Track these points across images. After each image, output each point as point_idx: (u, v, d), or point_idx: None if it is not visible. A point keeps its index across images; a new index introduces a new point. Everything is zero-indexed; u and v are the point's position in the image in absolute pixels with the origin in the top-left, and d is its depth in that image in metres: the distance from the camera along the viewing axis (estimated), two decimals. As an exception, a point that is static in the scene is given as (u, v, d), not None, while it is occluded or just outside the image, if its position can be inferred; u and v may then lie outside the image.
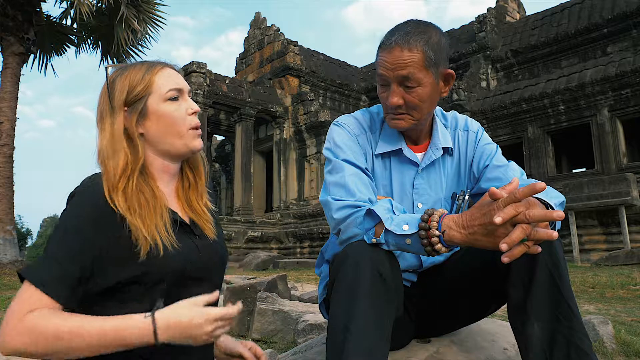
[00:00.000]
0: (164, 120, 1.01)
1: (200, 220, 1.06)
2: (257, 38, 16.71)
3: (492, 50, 13.82)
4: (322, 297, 1.36)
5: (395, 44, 1.15)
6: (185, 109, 1.04)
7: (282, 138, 15.18)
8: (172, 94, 1.03)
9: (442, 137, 1.28)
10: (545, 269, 1.02)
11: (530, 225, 0.89)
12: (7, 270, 7.77)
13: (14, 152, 8.85)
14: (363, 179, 1.17)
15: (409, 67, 1.14)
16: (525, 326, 1.04)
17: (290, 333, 2.62)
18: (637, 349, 2.00)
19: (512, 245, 0.88)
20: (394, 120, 1.21)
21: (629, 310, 3.60)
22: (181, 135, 1.02)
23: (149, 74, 1.02)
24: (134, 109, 1.00)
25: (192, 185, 1.09)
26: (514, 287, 1.06)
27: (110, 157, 0.97)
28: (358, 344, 0.94)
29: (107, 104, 1.01)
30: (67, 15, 9.85)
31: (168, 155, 1.04)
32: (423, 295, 1.30)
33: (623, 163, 10.15)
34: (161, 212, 0.97)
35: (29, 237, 40.62)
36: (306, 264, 9.77)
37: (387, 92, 1.19)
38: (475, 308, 1.29)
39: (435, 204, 1.26)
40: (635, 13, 11.42)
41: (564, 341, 1.00)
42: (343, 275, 1.02)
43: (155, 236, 0.93)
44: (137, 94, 1.00)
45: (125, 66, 1.05)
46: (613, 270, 6.35)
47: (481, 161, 1.29)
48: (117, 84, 1.01)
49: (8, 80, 8.89)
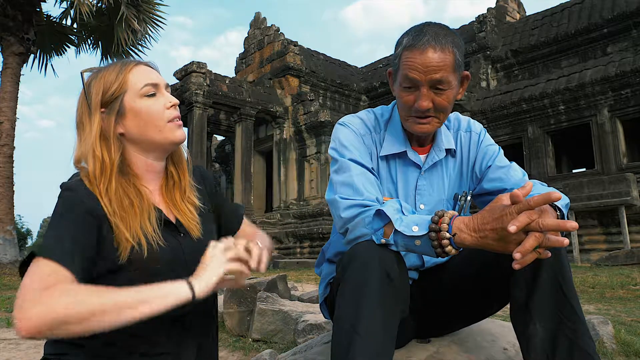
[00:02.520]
0: (141, 117, 1.01)
1: (184, 218, 1.05)
2: (257, 38, 16.71)
3: (492, 50, 13.81)
4: (324, 296, 1.36)
5: (429, 44, 1.11)
6: (163, 103, 1.03)
7: (282, 138, 15.18)
8: (147, 89, 1.02)
9: (445, 139, 1.28)
10: (550, 270, 1.02)
11: (542, 233, 0.89)
12: (7, 270, 7.77)
13: (14, 152, 8.85)
14: (370, 179, 1.16)
15: (442, 71, 1.11)
16: (527, 326, 1.04)
17: (290, 333, 2.62)
18: (637, 349, 2.00)
19: (525, 255, 0.88)
20: (420, 125, 1.18)
21: (629, 310, 3.61)
22: (160, 129, 1.01)
23: (123, 73, 1.02)
24: (111, 109, 1.00)
25: (176, 183, 1.08)
26: (517, 287, 1.06)
27: (87, 160, 0.97)
28: (366, 346, 0.94)
29: (85, 107, 1.00)
30: (67, 15, 9.86)
31: (150, 151, 1.04)
32: (424, 294, 1.30)
33: (623, 163, 10.15)
34: (148, 211, 0.97)
35: (29, 237, 40.56)
36: (306, 264, 9.77)
37: (415, 95, 1.15)
38: (476, 308, 1.29)
39: (437, 205, 1.26)
40: (635, 13, 11.41)
41: (566, 342, 1.00)
42: (351, 276, 1.01)
43: (140, 236, 0.93)
44: (113, 93, 1.00)
45: (100, 68, 1.05)
46: (613, 270, 6.35)
47: (483, 162, 1.29)
48: (92, 87, 1.01)
49: (8, 80, 8.89)
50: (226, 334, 2.94)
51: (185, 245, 1.02)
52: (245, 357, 2.51)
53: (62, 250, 0.86)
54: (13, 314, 0.79)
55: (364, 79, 17.41)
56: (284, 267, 9.67)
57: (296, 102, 15.06)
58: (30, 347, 2.83)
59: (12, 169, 8.78)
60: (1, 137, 8.65)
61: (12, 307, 3.28)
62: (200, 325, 1.05)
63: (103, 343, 0.92)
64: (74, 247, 0.87)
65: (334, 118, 14.32)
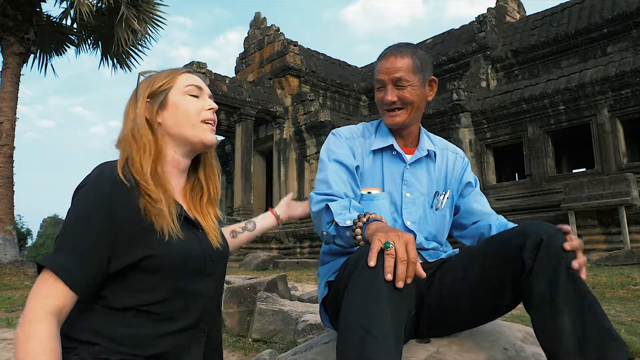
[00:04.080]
0: (179, 110, 1.08)
1: (206, 226, 1.09)
2: (257, 38, 16.71)
3: (492, 50, 13.81)
4: (323, 296, 1.36)
5: (390, 53, 1.43)
6: (203, 105, 1.12)
7: (282, 138, 15.18)
8: (191, 88, 1.11)
9: (427, 143, 1.51)
10: (564, 262, 1.07)
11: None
12: (7, 270, 7.77)
13: (14, 152, 8.85)
14: (342, 177, 1.37)
15: (400, 71, 1.40)
16: (555, 319, 1.06)
17: (290, 333, 2.62)
18: (637, 349, 2.00)
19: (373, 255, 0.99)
20: (391, 117, 1.44)
21: (629, 310, 3.61)
22: (194, 125, 1.08)
23: (174, 73, 1.12)
24: (156, 100, 1.08)
25: (203, 190, 1.14)
26: (539, 281, 1.09)
27: (131, 141, 1.03)
28: (381, 346, 0.94)
29: (133, 98, 1.09)
30: (67, 15, 9.86)
31: (180, 146, 1.09)
32: (428, 295, 1.30)
33: (623, 163, 10.14)
34: (170, 202, 1.00)
35: (29, 237, 40.58)
36: (306, 264, 9.77)
37: (383, 92, 1.43)
38: (482, 310, 1.26)
39: (420, 196, 1.45)
40: (635, 13, 11.41)
41: (596, 329, 1.03)
42: (358, 278, 1.02)
43: (168, 218, 0.97)
44: (160, 86, 1.09)
45: (155, 72, 1.15)
46: (613, 270, 6.35)
47: (466, 181, 1.54)
48: (143, 83, 1.11)
49: (8, 80, 8.89)
50: (226, 334, 2.93)
51: (203, 240, 1.06)
52: (245, 357, 2.51)
53: (71, 264, 0.90)
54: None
55: (364, 79, 17.40)
56: (284, 267, 9.67)
57: (296, 102, 15.06)
58: (30, 347, 2.83)
59: (12, 169, 8.78)
60: (1, 137, 8.65)
61: (12, 307, 3.32)
62: (209, 319, 1.09)
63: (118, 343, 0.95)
64: (85, 257, 0.91)
65: (334, 118, 14.33)
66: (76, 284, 0.90)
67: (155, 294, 0.96)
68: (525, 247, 1.11)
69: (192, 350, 1.02)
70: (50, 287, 0.89)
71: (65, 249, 0.91)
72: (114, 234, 0.93)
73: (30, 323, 0.86)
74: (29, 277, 7.69)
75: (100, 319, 0.94)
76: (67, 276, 0.89)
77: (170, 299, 0.97)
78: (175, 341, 0.99)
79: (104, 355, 0.92)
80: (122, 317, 0.95)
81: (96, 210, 0.93)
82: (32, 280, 7.32)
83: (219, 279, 1.11)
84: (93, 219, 0.92)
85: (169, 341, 0.98)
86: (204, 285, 1.04)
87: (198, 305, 1.02)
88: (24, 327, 0.86)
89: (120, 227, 0.94)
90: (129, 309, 0.95)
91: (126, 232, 0.94)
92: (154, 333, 0.96)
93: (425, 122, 12.36)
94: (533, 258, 1.09)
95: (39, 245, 43.06)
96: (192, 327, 1.02)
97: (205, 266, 1.04)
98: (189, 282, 1.00)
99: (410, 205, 1.42)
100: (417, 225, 1.41)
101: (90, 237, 0.92)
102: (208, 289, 1.05)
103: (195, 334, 1.03)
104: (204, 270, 1.04)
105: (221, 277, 1.13)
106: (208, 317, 1.06)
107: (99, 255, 0.92)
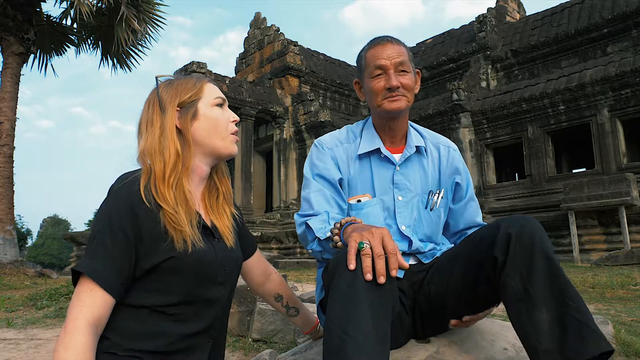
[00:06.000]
0: (210, 122, 1.12)
1: (220, 224, 1.13)
2: (257, 38, 16.71)
3: (492, 50, 13.81)
4: (319, 298, 1.37)
5: (386, 40, 1.40)
6: (228, 117, 1.17)
7: (282, 138, 15.18)
8: (218, 100, 1.16)
9: (415, 138, 1.46)
10: (541, 255, 1.05)
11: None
12: (7, 270, 7.77)
13: (13, 152, 8.85)
14: (326, 193, 1.35)
15: (402, 56, 1.37)
16: (532, 314, 1.04)
17: (290, 333, 2.62)
18: (637, 349, 2.00)
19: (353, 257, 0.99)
20: (394, 102, 1.37)
21: (629, 310, 3.61)
22: (224, 137, 1.13)
23: (200, 83, 1.15)
24: (187, 110, 1.11)
25: (219, 190, 1.18)
26: (511, 277, 1.07)
27: (158, 153, 1.04)
28: (358, 347, 0.94)
29: (156, 106, 1.09)
30: (67, 15, 9.86)
31: (207, 156, 1.13)
32: (419, 293, 1.31)
33: (623, 163, 10.14)
34: (191, 212, 1.04)
35: (29, 237, 40.60)
36: (306, 264, 9.77)
37: (384, 79, 1.37)
38: (469, 306, 1.26)
39: (414, 198, 1.41)
40: (635, 13, 11.42)
41: (575, 323, 1.01)
42: (338, 281, 1.02)
43: (189, 232, 1.01)
44: (190, 96, 1.12)
45: (174, 77, 1.17)
46: (613, 270, 6.35)
47: (457, 180, 1.50)
48: (165, 91, 1.11)
49: (8, 80, 8.89)
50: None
51: (219, 249, 1.09)
52: (245, 357, 2.51)
53: (105, 270, 0.94)
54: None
55: (364, 79, 17.39)
56: (284, 267, 9.67)
57: (296, 102, 15.06)
58: (31, 347, 2.84)
59: (12, 169, 8.78)
60: (1, 137, 8.65)
61: (12, 307, 3.31)
62: (218, 326, 1.12)
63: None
64: (117, 261, 0.95)
65: (334, 118, 14.33)
66: (112, 287, 0.94)
67: (169, 297, 0.99)
68: (496, 243, 1.10)
69: (195, 355, 1.04)
70: (88, 295, 0.93)
71: (97, 256, 0.95)
72: (140, 239, 0.97)
73: (69, 335, 0.89)
74: (29, 277, 7.69)
75: (114, 315, 0.97)
76: (104, 281, 0.93)
77: (183, 303, 1.01)
78: (183, 344, 1.01)
79: (112, 350, 0.94)
80: (137, 315, 0.98)
81: (122, 217, 0.96)
82: (32, 280, 7.32)
83: (231, 287, 1.14)
84: (121, 225, 0.96)
85: (177, 343, 1.00)
86: (217, 293, 1.07)
87: (210, 312, 1.06)
88: (64, 339, 0.89)
89: (144, 233, 0.98)
90: (143, 307, 0.98)
91: (150, 238, 0.98)
92: (165, 332, 0.99)
93: (426, 122, 12.37)
94: (505, 253, 1.08)
95: (39, 245, 43.05)
96: (202, 333, 1.05)
97: (219, 275, 1.07)
98: (203, 290, 1.04)
99: (404, 208, 1.39)
100: (412, 228, 1.40)
101: (120, 243, 0.95)
102: (221, 297, 1.08)
103: (203, 340, 1.06)
104: (217, 279, 1.07)
105: (233, 284, 1.16)
106: (217, 324, 1.09)
107: (129, 260, 0.96)
